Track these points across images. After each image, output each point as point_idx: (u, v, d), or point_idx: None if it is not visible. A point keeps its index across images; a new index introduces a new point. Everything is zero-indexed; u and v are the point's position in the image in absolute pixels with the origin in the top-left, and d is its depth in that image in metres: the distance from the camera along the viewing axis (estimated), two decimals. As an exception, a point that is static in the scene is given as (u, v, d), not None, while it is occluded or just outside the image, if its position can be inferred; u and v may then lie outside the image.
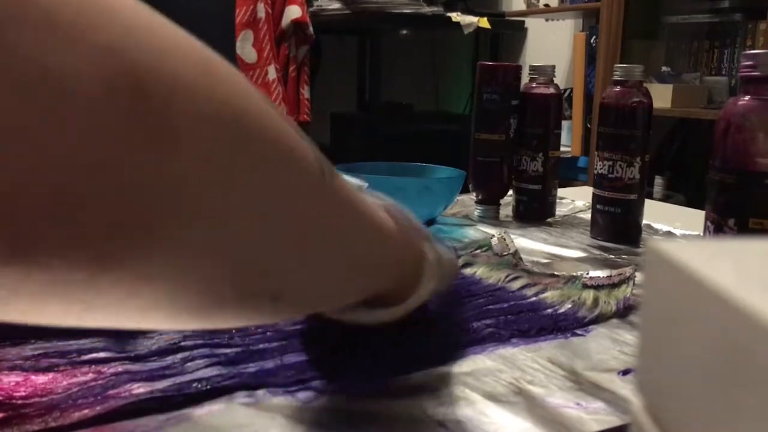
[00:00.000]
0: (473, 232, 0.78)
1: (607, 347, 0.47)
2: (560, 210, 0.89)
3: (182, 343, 0.45)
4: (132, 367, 0.41)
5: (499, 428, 0.36)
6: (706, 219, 0.63)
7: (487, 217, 0.86)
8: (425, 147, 1.74)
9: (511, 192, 0.88)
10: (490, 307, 0.53)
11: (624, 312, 0.53)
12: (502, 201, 0.88)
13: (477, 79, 0.87)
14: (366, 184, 0.73)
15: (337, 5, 2.57)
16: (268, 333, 0.47)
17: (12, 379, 0.39)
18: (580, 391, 0.41)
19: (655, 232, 0.81)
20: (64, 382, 0.39)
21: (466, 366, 0.44)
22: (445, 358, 0.44)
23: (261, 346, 0.45)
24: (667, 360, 0.19)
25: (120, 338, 0.45)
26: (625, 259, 0.70)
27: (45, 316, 0.22)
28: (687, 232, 0.81)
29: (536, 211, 0.86)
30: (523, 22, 2.96)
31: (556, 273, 0.61)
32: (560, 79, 2.56)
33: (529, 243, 0.74)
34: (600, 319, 0.52)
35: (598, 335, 0.50)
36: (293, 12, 1.91)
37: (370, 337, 0.44)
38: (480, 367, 0.44)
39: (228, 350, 0.44)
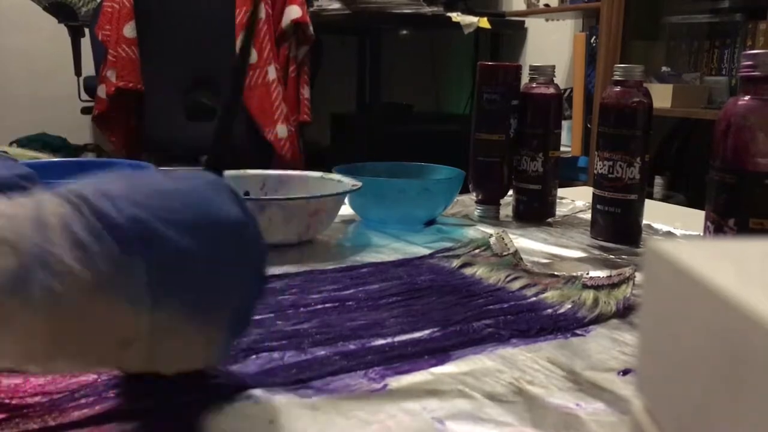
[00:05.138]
0: (473, 232, 0.78)
1: (607, 347, 0.47)
2: (560, 210, 0.89)
3: (182, 344, 0.45)
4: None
5: (498, 428, 0.36)
6: (706, 219, 0.63)
7: (487, 217, 0.86)
8: (425, 147, 1.74)
9: (511, 192, 0.88)
10: (490, 307, 0.53)
11: (624, 312, 0.53)
12: (502, 201, 0.88)
13: (477, 79, 0.87)
14: (360, 184, 0.74)
15: (337, 5, 2.57)
16: (268, 333, 0.47)
17: (12, 380, 0.39)
18: (580, 391, 0.41)
19: (655, 232, 0.81)
20: (64, 383, 0.39)
21: (466, 366, 0.44)
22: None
23: (261, 345, 0.45)
24: (667, 360, 0.19)
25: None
26: (625, 259, 0.70)
27: None
28: (687, 232, 0.81)
29: (536, 211, 0.86)
30: (523, 22, 2.96)
31: (556, 273, 0.61)
32: (560, 79, 2.56)
33: (529, 243, 0.74)
34: (600, 319, 0.52)
35: (598, 335, 0.50)
36: (293, 12, 1.91)
37: None
38: (480, 367, 0.43)
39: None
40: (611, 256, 0.71)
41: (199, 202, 0.31)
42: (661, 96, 2.08)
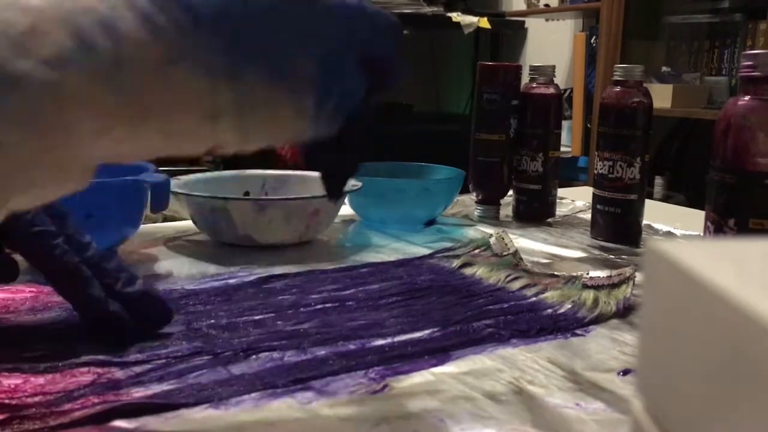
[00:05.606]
0: (473, 232, 0.78)
1: (607, 347, 0.47)
2: (560, 210, 0.89)
3: (182, 345, 0.45)
4: (131, 370, 0.41)
5: (498, 428, 0.36)
6: (706, 219, 0.63)
7: (487, 217, 0.86)
8: (425, 147, 1.74)
9: (511, 192, 0.88)
10: (490, 307, 0.53)
11: (624, 312, 0.53)
12: (502, 201, 0.88)
13: (477, 79, 0.87)
14: (360, 184, 0.74)
15: (337, 5, 2.57)
16: (268, 333, 0.47)
17: (12, 380, 0.39)
18: (580, 391, 0.41)
19: (655, 232, 0.81)
20: (64, 383, 0.39)
21: (466, 366, 0.44)
22: None
23: (261, 346, 0.45)
24: (667, 360, 0.19)
25: (116, 346, 0.45)
26: (625, 259, 0.70)
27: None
28: (687, 232, 0.81)
29: (536, 211, 0.86)
30: (523, 22, 2.96)
31: (556, 273, 0.61)
32: (560, 79, 2.56)
33: (529, 243, 0.74)
34: (600, 319, 0.52)
35: (598, 335, 0.50)
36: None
37: None
38: (480, 367, 0.43)
39: (228, 352, 0.44)
40: (611, 256, 0.71)
41: None
42: (661, 96, 2.08)
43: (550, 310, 0.53)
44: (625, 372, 0.43)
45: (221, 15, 0.28)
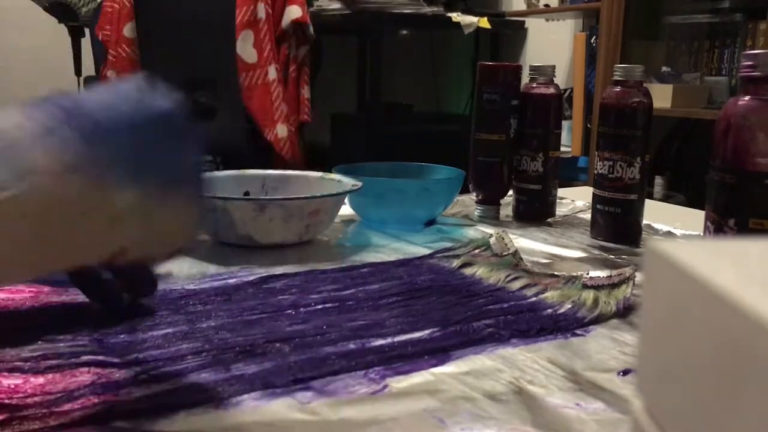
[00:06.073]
0: (473, 233, 0.78)
1: (607, 347, 0.47)
2: (560, 210, 0.89)
3: (182, 346, 0.45)
4: (131, 370, 0.41)
5: (498, 428, 0.36)
6: (706, 219, 0.63)
7: (487, 217, 0.86)
8: (425, 147, 1.74)
9: (511, 192, 0.88)
10: (490, 307, 0.53)
11: (624, 312, 0.53)
12: (502, 201, 0.88)
13: (477, 79, 0.87)
14: (360, 184, 0.74)
15: (337, 5, 2.57)
16: (268, 333, 0.47)
17: (12, 381, 0.39)
18: (580, 391, 0.41)
19: (655, 232, 0.81)
20: (63, 383, 0.39)
21: (466, 366, 0.44)
22: None
23: (261, 346, 0.45)
24: (667, 360, 0.19)
25: (114, 340, 0.45)
26: (625, 259, 0.70)
27: None
28: (687, 232, 0.81)
29: (536, 211, 0.86)
30: (523, 22, 2.96)
31: (556, 273, 0.61)
32: (560, 79, 2.56)
33: (529, 243, 0.74)
34: (600, 319, 0.52)
35: (598, 335, 0.50)
36: (294, 12, 1.91)
37: None
38: (480, 367, 0.44)
39: (228, 352, 0.44)
40: (611, 256, 0.71)
41: (138, 100, 0.36)
42: (661, 96, 2.08)
43: (550, 310, 0.53)
44: (625, 372, 0.43)
45: (115, 131, 0.33)
